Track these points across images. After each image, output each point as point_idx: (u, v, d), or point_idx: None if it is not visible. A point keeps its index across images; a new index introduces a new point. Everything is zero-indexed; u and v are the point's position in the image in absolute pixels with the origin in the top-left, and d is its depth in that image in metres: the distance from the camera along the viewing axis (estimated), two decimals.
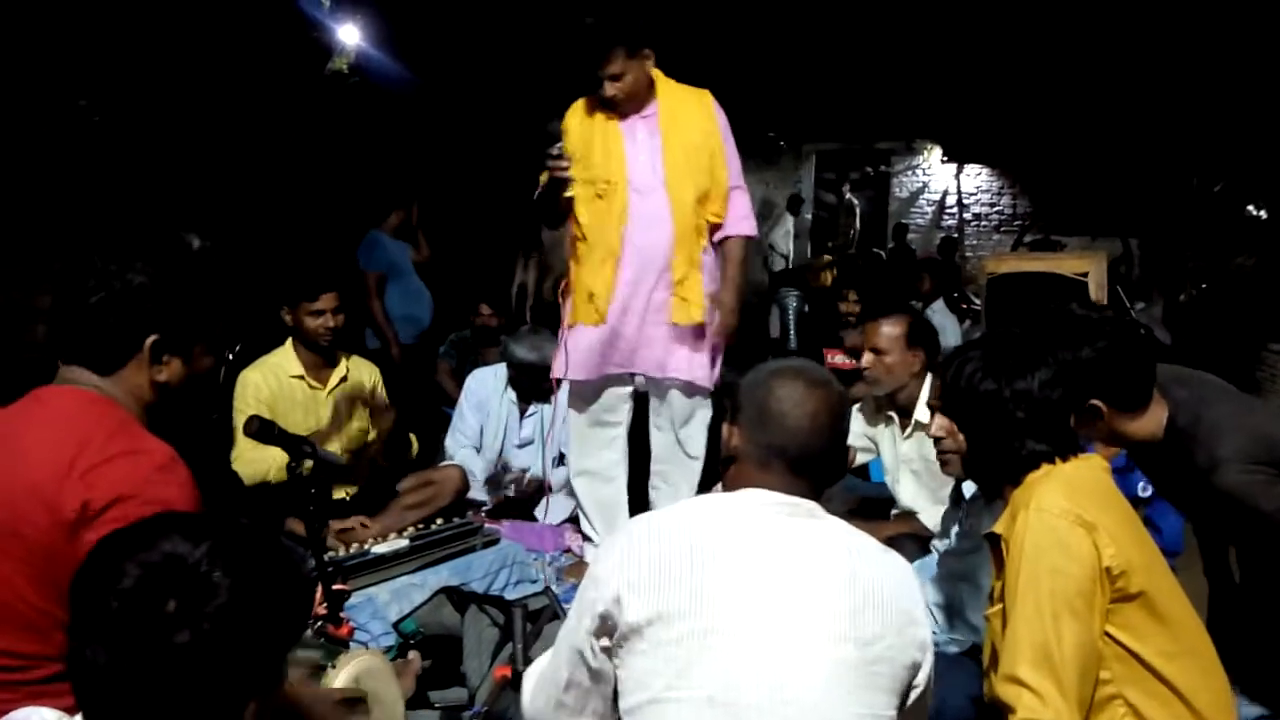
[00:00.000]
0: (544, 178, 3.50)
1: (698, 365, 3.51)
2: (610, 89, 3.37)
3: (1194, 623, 1.86)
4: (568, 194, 3.40)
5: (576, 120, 3.53)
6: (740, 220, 3.57)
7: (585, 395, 3.66)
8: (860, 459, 3.61)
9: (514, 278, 9.38)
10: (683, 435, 3.61)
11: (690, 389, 3.55)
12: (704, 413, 3.62)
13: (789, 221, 12.72)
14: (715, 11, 6.54)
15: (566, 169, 3.34)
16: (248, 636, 1.07)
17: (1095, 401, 2.19)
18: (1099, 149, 10.38)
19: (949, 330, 6.82)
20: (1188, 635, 1.82)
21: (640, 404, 3.74)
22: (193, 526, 1.11)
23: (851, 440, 1.76)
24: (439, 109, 7.68)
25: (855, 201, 13.36)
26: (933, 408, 2.07)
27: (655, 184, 3.42)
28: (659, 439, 3.68)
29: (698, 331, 3.49)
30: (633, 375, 3.59)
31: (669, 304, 3.43)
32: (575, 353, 3.53)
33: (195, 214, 5.47)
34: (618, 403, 3.66)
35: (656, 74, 3.49)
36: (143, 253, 1.67)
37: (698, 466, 3.64)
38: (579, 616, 1.48)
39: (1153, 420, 2.27)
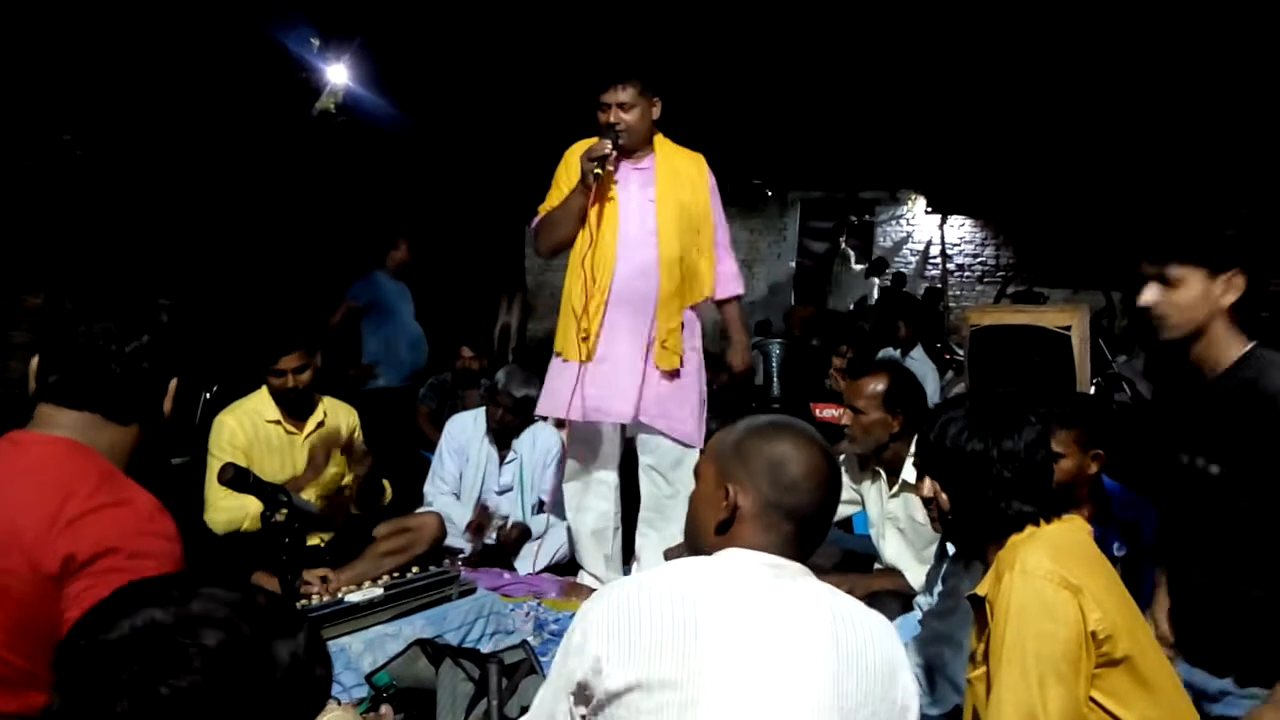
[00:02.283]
0: (554, 199, 3.55)
1: (682, 421, 3.55)
2: (614, 116, 3.38)
3: (1175, 685, 1.85)
4: (598, 171, 3.38)
5: (577, 156, 3.55)
6: (731, 280, 3.69)
7: (578, 439, 3.66)
8: (845, 511, 3.57)
9: (497, 319, 9.34)
10: (674, 477, 3.61)
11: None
12: (694, 456, 3.61)
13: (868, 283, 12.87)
14: (702, 61, 6.60)
15: (608, 155, 3.35)
16: None
17: None
18: (1082, 202, 10.48)
19: (928, 378, 6.79)
20: (1170, 700, 1.79)
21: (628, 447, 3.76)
22: (209, 598, 1.03)
23: None
24: (426, 149, 7.70)
25: (851, 251, 13.44)
26: (919, 466, 2.04)
27: (645, 236, 3.46)
28: (648, 485, 3.67)
29: (684, 385, 3.52)
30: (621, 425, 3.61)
31: (653, 352, 3.46)
32: (559, 389, 3.57)
33: (177, 253, 5.43)
34: (609, 449, 3.67)
35: (657, 134, 3.55)
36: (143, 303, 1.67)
37: None
38: (557, 688, 1.45)
39: (1238, 342, 2.15)
